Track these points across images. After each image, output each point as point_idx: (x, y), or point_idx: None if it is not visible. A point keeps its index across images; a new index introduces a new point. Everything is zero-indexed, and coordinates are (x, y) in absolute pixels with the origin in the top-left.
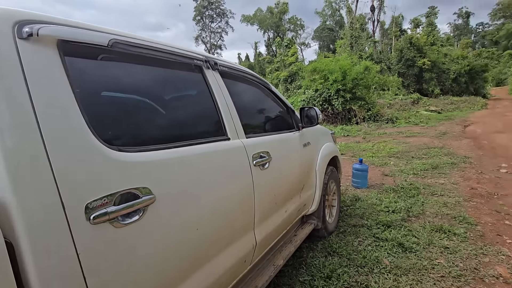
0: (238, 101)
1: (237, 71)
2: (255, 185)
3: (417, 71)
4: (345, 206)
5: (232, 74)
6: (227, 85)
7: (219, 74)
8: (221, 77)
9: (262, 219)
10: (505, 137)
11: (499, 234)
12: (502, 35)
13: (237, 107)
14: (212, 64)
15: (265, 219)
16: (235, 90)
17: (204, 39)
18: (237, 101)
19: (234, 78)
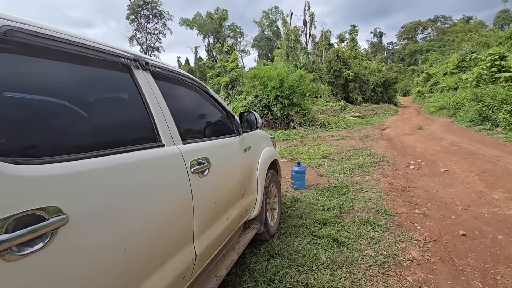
0: (174, 104)
1: (173, 73)
2: (194, 193)
3: (343, 81)
4: (286, 207)
5: (167, 76)
6: (160, 88)
7: (151, 75)
8: (153, 79)
9: (202, 229)
10: (412, 139)
11: (411, 222)
12: (406, 53)
13: (172, 111)
14: (143, 63)
15: (205, 229)
16: (170, 93)
17: (139, 40)
18: (172, 104)
19: (169, 80)
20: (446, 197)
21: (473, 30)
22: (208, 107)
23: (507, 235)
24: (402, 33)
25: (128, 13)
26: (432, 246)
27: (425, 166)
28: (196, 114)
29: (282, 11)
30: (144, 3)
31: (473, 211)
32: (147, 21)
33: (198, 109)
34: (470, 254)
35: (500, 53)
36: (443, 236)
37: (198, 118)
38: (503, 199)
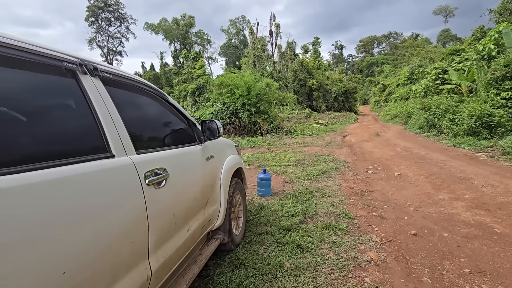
0: (127, 113)
1: (127, 79)
2: (148, 206)
3: (308, 89)
4: (251, 215)
5: (120, 82)
6: (112, 94)
7: (101, 81)
8: (103, 85)
9: (159, 244)
10: (370, 145)
11: (369, 224)
12: (364, 65)
13: (125, 119)
14: (91, 69)
15: (162, 244)
16: (123, 100)
17: (100, 43)
18: (126, 112)
19: (122, 87)
20: (400, 199)
21: (420, 46)
22: (167, 115)
23: (451, 232)
24: (360, 47)
25: (87, 15)
26: (387, 246)
27: (382, 170)
28: (153, 123)
29: (249, 21)
30: (105, 6)
31: (423, 212)
32: (108, 24)
33: (155, 117)
34: (420, 252)
35: (443, 67)
36: (397, 236)
37: (155, 127)
38: (447, 199)
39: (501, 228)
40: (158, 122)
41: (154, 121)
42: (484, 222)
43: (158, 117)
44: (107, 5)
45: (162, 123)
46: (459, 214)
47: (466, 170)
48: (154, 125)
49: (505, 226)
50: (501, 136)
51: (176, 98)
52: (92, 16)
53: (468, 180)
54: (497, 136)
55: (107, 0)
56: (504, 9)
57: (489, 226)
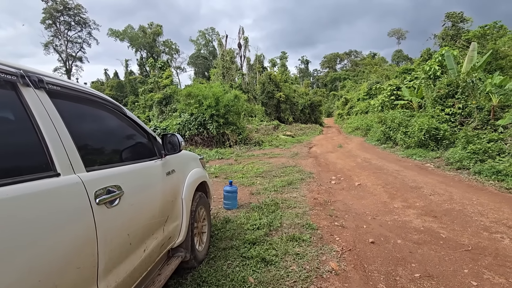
0: (77, 127)
1: (78, 92)
2: (98, 228)
3: (276, 102)
4: (216, 229)
5: (70, 95)
6: (59, 108)
7: (47, 94)
8: (49, 98)
9: (110, 267)
10: (333, 156)
11: (331, 234)
12: (328, 80)
13: (74, 134)
14: (35, 81)
15: (115, 266)
16: (73, 114)
17: (58, 48)
18: (75, 127)
19: (72, 99)
20: (360, 208)
21: (377, 64)
22: (123, 129)
23: (404, 239)
24: (324, 62)
25: (44, 17)
26: (347, 255)
27: (344, 180)
28: (106, 137)
29: (218, 33)
30: (65, 9)
31: (380, 220)
32: (68, 28)
33: (109, 132)
34: (377, 260)
35: (396, 84)
36: (356, 245)
37: (110, 142)
38: (401, 208)
39: (446, 233)
40: (113, 136)
41: (108, 135)
42: (432, 228)
43: (113, 131)
44: (67, 9)
45: (117, 137)
46: (411, 221)
47: (417, 180)
48: (108, 140)
49: (449, 231)
50: (446, 148)
51: (141, 108)
52: (49, 19)
53: (418, 189)
54: (443, 148)
55: (67, 4)
56: (446, 35)
57: (436, 231)
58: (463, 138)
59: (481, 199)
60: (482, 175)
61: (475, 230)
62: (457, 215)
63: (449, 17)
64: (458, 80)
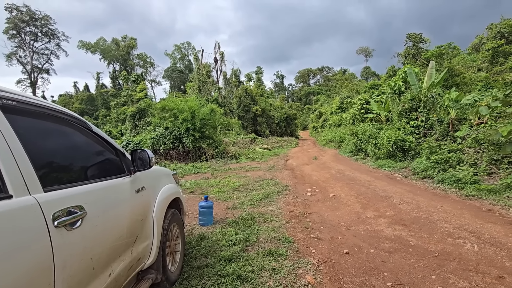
0: (34, 145)
1: (37, 107)
2: (56, 253)
3: (252, 115)
4: (191, 247)
5: (27, 110)
6: (15, 124)
7: (0, 109)
8: (3, 113)
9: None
10: (309, 168)
11: (307, 247)
12: (303, 94)
13: (31, 152)
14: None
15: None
16: (31, 130)
17: (22, 59)
18: (33, 145)
19: (30, 115)
20: (334, 219)
21: (348, 80)
22: (88, 146)
23: (376, 248)
24: (298, 77)
25: (7, 27)
26: (323, 267)
27: (319, 192)
28: (69, 155)
29: (194, 47)
30: (31, 19)
31: (353, 230)
32: (34, 39)
33: (73, 149)
34: (351, 270)
35: (365, 99)
36: (332, 257)
37: (73, 159)
38: (373, 217)
39: (414, 240)
40: (77, 153)
41: (71, 152)
42: (402, 236)
43: (76, 148)
44: (33, 19)
45: (81, 154)
46: (382, 230)
47: (387, 189)
48: (70, 158)
49: (417, 239)
50: (412, 158)
51: (113, 122)
52: (13, 29)
53: (389, 198)
54: (409, 158)
55: (33, 14)
56: (408, 53)
57: (406, 239)
58: (426, 149)
59: (444, 207)
60: (444, 183)
61: (441, 237)
62: (424, 222)
63: (410, 38)
64: (420, 95)
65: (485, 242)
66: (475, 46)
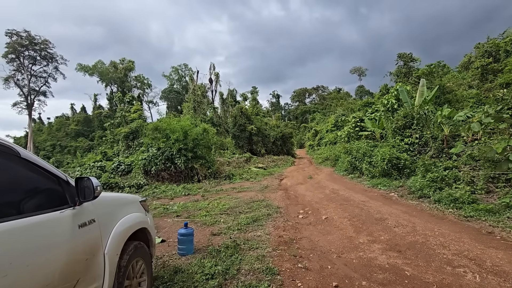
0: None
1: None
2: None
3: (248, 134)
4: (162, 283)
5: None
6: None
7: None
8: None
9: None
10: (303, 188)
11: (293, 279)
12: (299, 113)
13: None
14: None
15: None
16: None
17: (19, 82)
18: None
19: None
20: (325, 245)
21: (343, 98)
22: (14, 175)
23: (369, 280)
24: (294, 96)
25: (6, 52)
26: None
27: (311, 214)
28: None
29: (191, 69)
30: (30, 44)
31: (345, 258)
32: (32, 63)
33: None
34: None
35: (360, 116)
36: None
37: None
38: (366, 243)
39: (410, 270)
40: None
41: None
42: (397, 265)
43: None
44: (32, 44)
45: (2, 186)
46: (376, 258)
47: (382, 211)
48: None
49: (413, 268)
50: (408, 176)
51: (109, 142)
52: (12, 53)
53: (383, 221)
54: (405, 176)
55: (33, 39)
56: (400, 72)
57: (401, 269)
58: (422, 167)
59: (442, 229)
60: (441, 203)
61: (439, 265)
62: (420, 248)
63: (401, 57)
64: (412, 112)
65: (487, 271)
66: (464, 64)
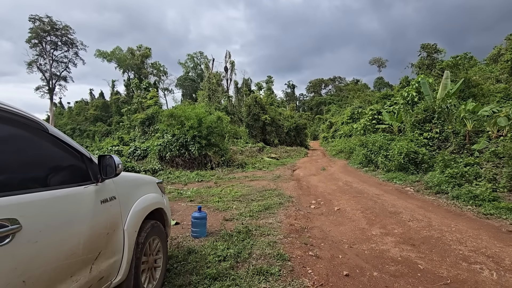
0: None
1: None
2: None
3: (261, 124)
4: (176, 262)
5: None
6: None
7: None
8: None
9: None
10: (316, 179)
11: (304, 266)
12: (314, 104)
13: None
14: None
15: None
16: None
17: (42, 67)
18: None
19: None
20: (337, 235)
21: (360, 90)
22: (41, 150)
23: (380, 271)
24: (310, 87)
25: (30, 37)
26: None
27: (323, 205)
28: (10, 160)
29: (206, 57)
30: (52, 29)
31: (357, 249)
32: (54, 48)
33: (11, 152)
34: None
35: (377, 109)
36: (329, 279)
37: (8, 165)
38: (379, 235)
39: (424, 264)
40: (18, 158)
41: (9, 157)
42: (410, 258)
43: (18, 152)
44: (54, 29)
45: (25, 159)
46: (388, 250)
47: (396, 204)
48: (9, 162)
49: (427, 262)
50: (425, 171)
51: (126, 128)
52: (35, 39)
53: (397, 214)
54: (422, 171)
55: (55, 24)
56: (422, 64)
57: (414, 262)
58: (441, 162)
59: (459, 226)
60: (460, 199)
61: (454, 260)
62: (435, 243)
63: (424, 48)
64: (434, 106)
65: (505, 269)
66: (493, 57)
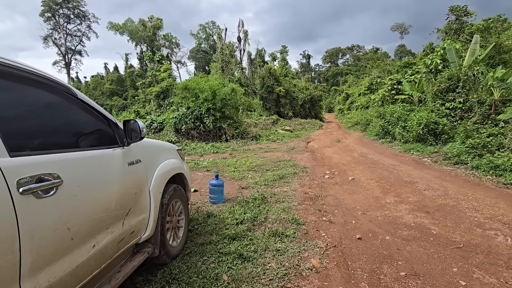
0: (2, 108)
1: (11, 68)
2: (21, 220)
3: (275, 96)
4: (197, 224)
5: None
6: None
7: None
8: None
9: (40, 265)
10: (330, 150)
11: (318, 230)
12: (330, 75)
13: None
14: None
15: (48, 264)
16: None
17: (57, 41)
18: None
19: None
20: (350, 203)
21: (380, 59)
22: (71, 113)
23: (393, 235)
24: (326, 57)
25: (43, 10)
26: (331, 252)
27: (338, 175)
28: (44, 120)
29: (218, 26)
30: (64, 1)
31: (370, 215)
32: (67, 21)
33: (50, 115)
34: (362, 257)
35: (397, 79)
36: (342, 241)
37: (49, 125)
38: (393, 203)
39: (437, 229)
40: (55, 120)
41: (48, 118)
42: (423, 224)
43: (55, 115)
44: (66, 1)
45: (62, 122)
46: (402, 216)
47: (412, 174)
48: (47, 124)
49: (440, 228)
50: (445, 142)
51: (141, 102)
52: (48, 12)
53: (413, 184)
54: (441, 142)
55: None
56: (449, 29)
57: (427, 227)
58: (462, 133)
59: (476, 195)
60: (479, 170)
61: (468, 227)
62: (450, 210)
63: (453, 11)
64: (459, 74)
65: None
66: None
